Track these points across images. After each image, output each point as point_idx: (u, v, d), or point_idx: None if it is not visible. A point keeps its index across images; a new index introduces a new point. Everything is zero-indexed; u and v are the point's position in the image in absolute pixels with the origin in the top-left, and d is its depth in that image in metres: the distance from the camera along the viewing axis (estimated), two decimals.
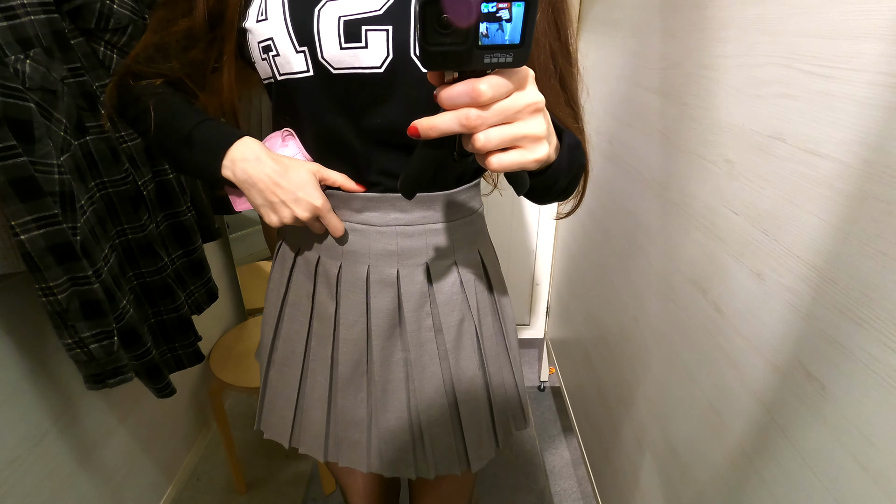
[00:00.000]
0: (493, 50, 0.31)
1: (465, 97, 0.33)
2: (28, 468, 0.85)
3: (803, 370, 0.51)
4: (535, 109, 0.36)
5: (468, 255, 0.65)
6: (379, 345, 0.62)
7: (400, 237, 0.60)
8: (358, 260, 0.61)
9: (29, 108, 0.65)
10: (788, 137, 0.53)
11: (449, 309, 0.63)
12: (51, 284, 0.68)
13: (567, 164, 0.46)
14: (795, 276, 0.53)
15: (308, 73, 0.52)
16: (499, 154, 0.36)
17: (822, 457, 0.49)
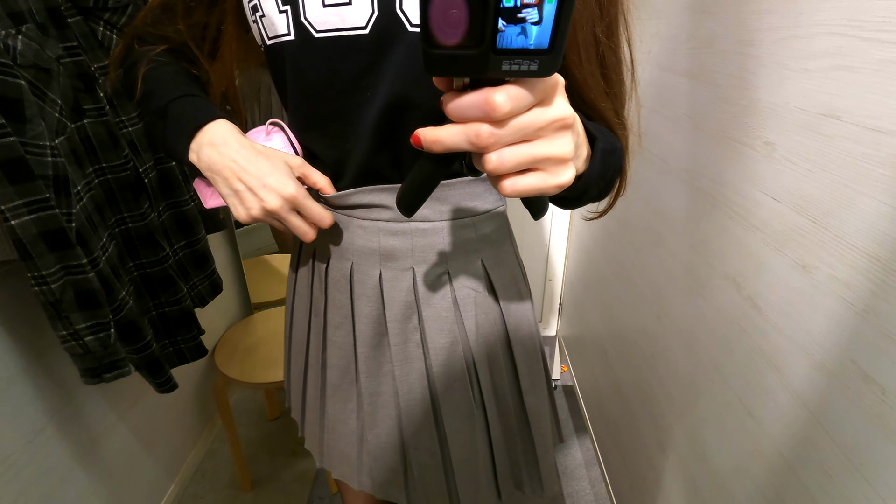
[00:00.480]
0: (513, 55, 0.25)
1: (476, 110, 0.27)
2: (23, 465, 0.82)
3: (859, 371, 0.46)
4: (560, 126, 0.30)
5: (465, 266, 0.55)
6: (365, 353, 0.56)
7: (383, 234, 0.53)
8: (342, 255, 0.56)
9: (19, 86, 0.61)
10: (843, 114, 0.48)
11: (437, 328, 0.55)
12: (43, 273, 0.64)
13: (600, 171, 0.40)
14: (850, 267, 0.48)
15: (290, 38, 0.46)
16: (514, 178, 0.30)
17: (881, 468, 0.44)
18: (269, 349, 1.32)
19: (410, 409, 0.57)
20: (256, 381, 1.20)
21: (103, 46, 0.83)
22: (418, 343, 0.55)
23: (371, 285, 0.54)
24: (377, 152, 0.50)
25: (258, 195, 0.46)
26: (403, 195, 0.35)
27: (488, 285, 0.57)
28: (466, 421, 0.57)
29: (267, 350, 1.31)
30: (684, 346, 0.82)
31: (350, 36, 0.45)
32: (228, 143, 0.47)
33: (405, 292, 0.54)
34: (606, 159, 0.40)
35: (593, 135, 0.38)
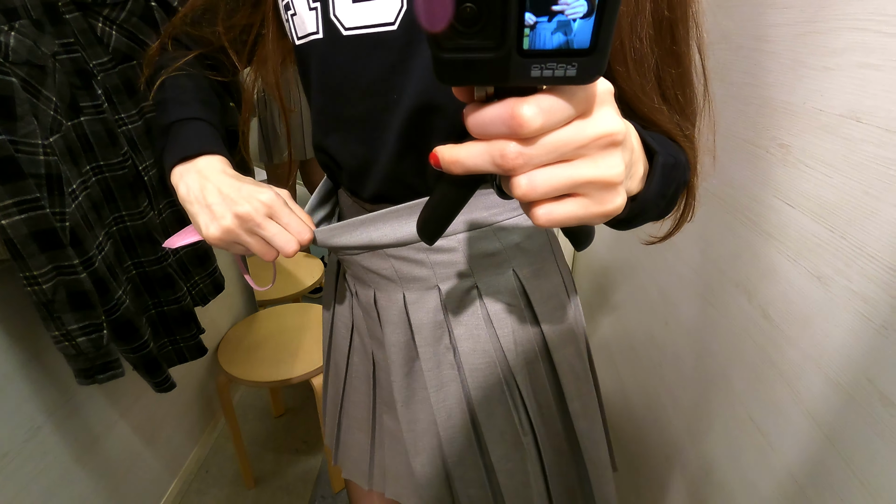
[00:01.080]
0: (545, 58, 0.20)
1: (501, 125, 0.22)
2: (21, 463, 0.82)
3: (876, 392, 0.43)
4: (608, 143, 0.24)
5: (495, 278, 0.50)
6: (399, 382, 0.53)
7: (393, 259, 0.49)
8: (365, 280, 0.52)
9: (10, 83, 0.60)
10: (865, 115, 0.45)
11: (471, 347, 0.50)
12: (35, 273, 0.64)
13: (659, 189, 0.33)
14: (869, 280, 0.44)
15: (318, 36, 0.43)
16: (549, 205, 0.24)
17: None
18: (273, 347, 1.31)
19: (452, 437, 0.52)
20: (259, 380, 1.20)
21: (102, 43, 0.82)
22: (452, 364, 0.51)
23: (396, 311, 0.51)
24: (402, 159, 0.46)
25: (229, 201, 0.42)
26: (424, 224, 0.30)
27: (524, 298, 0.51)
28: (513, 449, 0.52)
29: (270, 348, 1.31)
30: (693, 355, 0.79)
31: (378, 33, 0.41)
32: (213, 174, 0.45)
33: (433, 312, 0.50)
34: (668, 175, 0.34)
35: (653, 148, 0.33)
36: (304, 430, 1.63)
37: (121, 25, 0.84)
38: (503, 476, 0.52)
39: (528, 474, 0.53)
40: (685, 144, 0.40)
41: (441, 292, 0.50)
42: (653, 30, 0.36)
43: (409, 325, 0.51)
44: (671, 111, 0.39)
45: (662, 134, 0.39)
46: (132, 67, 0.87)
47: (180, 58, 0.53)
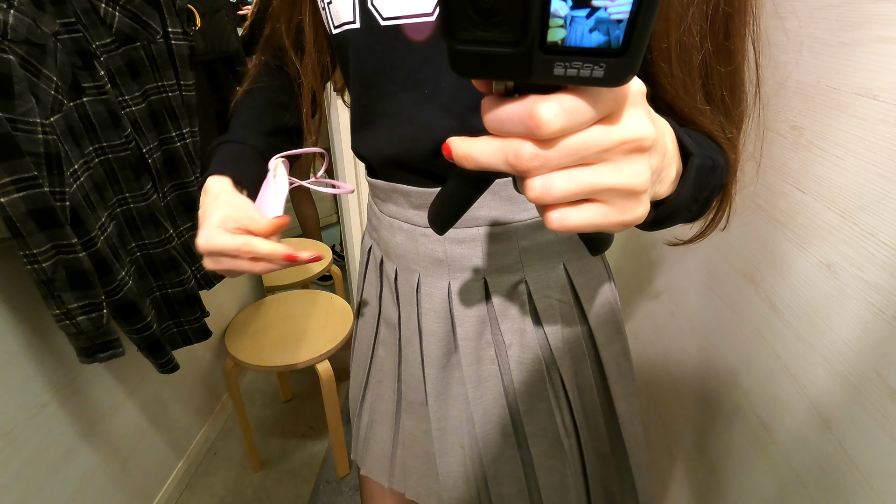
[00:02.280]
0: (570, 56, 0.18)
1: (517, 124, 0.21)
2: (26, 438, 0.83)
3: (885, 386, 0.41)
4: (633, 149, 0.22)
5: (545, 272, 0.48)
6: (433, 374, 0.51)
7: (448, 242, 0.47)
8: (409, 266, 0.51)
9: (8, 61, 0.60)
10: (882, 93, 0.42)
11: (517, 341, 0.49)
12: (34, 251, 0.64)
13: (693, 193, 0.31)
14: (881, 268, 0.42)
15: (355, 25, 0.42)
16: (564, 209, 0.23)
17: None
18: (280, 333, 1.32)
19: (487, 433, 0.51)
20: (265, 365, 1.21)
21: (105, 24, 0.82)
22: (493, 360, 0.50)
23: (439, 299, 0.49)
24: (436, 156, 0.44)
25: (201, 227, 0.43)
26: (436, 215, 0.29)
27: (573, 294, 0.50)
28: (555, 447, 0.51)
29: (277, 334, 1.31)
30: (697, 347, 0.76)
31: (416, 24, 0.40)
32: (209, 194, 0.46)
33: (478, 306, 0.48)
34: (703, 179, 0.32)
35: (689, 150, 0.30)
36: (310, 415, 1.65)
37: (124, 7, 0.84)
38: (542, 472, 0.51)
39: (567, 475, 0.51)
40: (727, 147, 0.37)
41: (488, 285, 0.48)
42: (706, 22, 0.32)
43: (451, 317, 0.49)
44: (715, 112, 0.36)
45: (703, 133, 0.36)
46: (136, 49, 0.87)
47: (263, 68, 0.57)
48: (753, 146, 0.40)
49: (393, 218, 0.50)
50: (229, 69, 1.21)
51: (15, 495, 0.83)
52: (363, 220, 1.80)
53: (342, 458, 1.42)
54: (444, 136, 0.27)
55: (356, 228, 1.82)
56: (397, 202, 0.49)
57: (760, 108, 0.38)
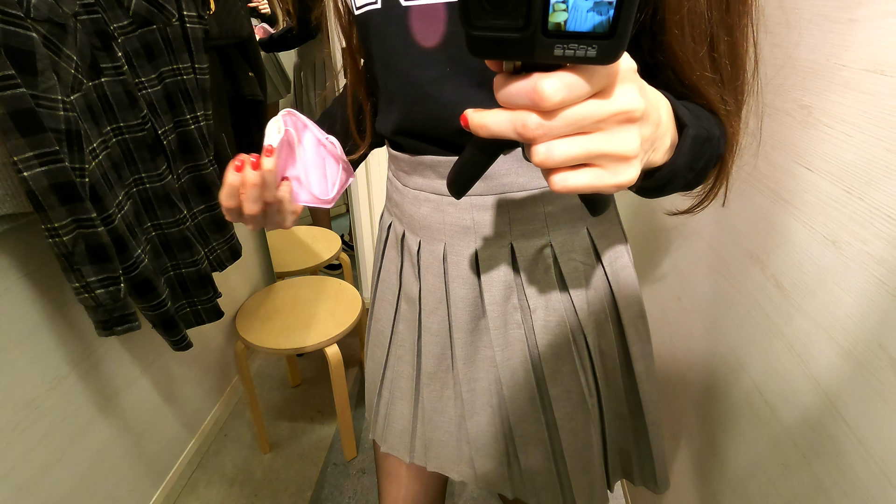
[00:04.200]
0: (567, 39, 0.22)
1: (523, 97, 0.24)
2: (46, 410, 0.86)
3: (887, 358, 0.42)
4: (624, 120, 0.26)
5: (570, 237, 0.50)
6: (462, 339, 0.53)
7: (476, 209, 0.49)
8: (434, 236, 0.52)
9: (31, 39, 0.62)
10: (891, 68, 0.42)
11: (542, 304, 0.51)
12: (55, 225, 0.66)
13: (688, 161, 0.34)
14: (885, 241, 0.42)
15: (376, 6, 0.44)
16: (565, 173, 0.26)
17: None
18: (290, 317, 1.34)
19: (514, 395, 0.53)
20: (275, 347, 1.23)
21: (123, 6, 0.83)
22: (519, 324, 0.51)
23: (466, 266, 0.51)
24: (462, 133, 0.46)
25: None
26: (455, 180, 0.32)
27: (596, 257, 0.52)
28: (579, 408, 0.53)
29: (288, 318, 1.34)
30: (703, 331, 0.77)
31: (437, 4, 0.42)
32: None
33: (504, 271, 0.50)
34: (699, 148, 0.35)
35: (684, 121, 0.33)
36: (319, 399, 1.67)
37: None
38: (566, 434, 0.53)
39: (591, 435, 0.53)
40: (726, 120, 0.39)
41: (514, 250, 0.50)
42: None
43: (478, 282, 0.51)
44: (718, 82, 0.38)
45: (705, 106, 0.39)
46: (152, 32, 0.89)
47: None
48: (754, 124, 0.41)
49: (419, 190, 0.52)
50: (242, 54, 1.23)
51: (37, 464, 0.86)
52: (372, 210, 1.82)
53: (350, 441, 1.44)
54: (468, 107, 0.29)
55: (365, 218, 1.83)
56: (423, 174, 0.51)
57: (759, 87, 0.40)
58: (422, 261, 0.54)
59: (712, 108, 0.39)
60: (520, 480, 0.56)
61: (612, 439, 0.56)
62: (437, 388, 0.57)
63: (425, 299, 0.55)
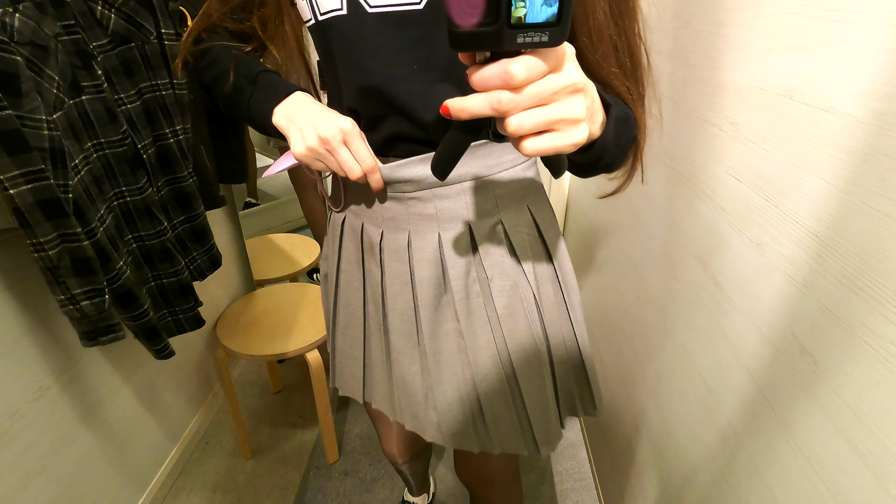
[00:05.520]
0: (526, 29, 0.28)
1: (496, 79, 0.30)
2: (29, 421, 0.88)
3: (797, 344, 0.48)
4: (573, 90, 0.33)
5: (516, 214, 0.59)
6: (427, 315, 0.59)
7: (437, 199, 0.56)
8: (398, 227, 0.58)
9: (15, 62, 0.65)
10: (797, 94, 0.49)
11: (498, 273, 0.58)
12: (41, 240, 0.69)
13: (614, 138, 0.43)
14: (795, 244, 0.49)
15: (342, 12, 0.49)
16: (533, 138, 0.33)
17: (811, 435, 0.46)
18: (270, 324, 1.36)
19: (477, 359, 0.60)
20: (256, 354, 1.25)
21: (101, 25, 0.86)
22: (479, 293, 0.59)
23: (430, 250, 0.57)
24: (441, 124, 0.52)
25: (315, 126, 0.51)
26: (437, 162, 0.38)
27: (536, 229, 0.61)
28: (533, 356, 0.60)
29: (267, 325, 1.36)
30: (658, 326, 0.83)
31: (403, 11, 0.47)
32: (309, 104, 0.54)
33: (464, 249, 0.57)
34: (620, 127, 0.44)
35: (608, 103, 0.42)
36: (300, 405, 1.69)
37: (119, 8, 0.88)
38: (524, 380, 0.60)
39: (545, 377, 0.61)
40: (633, 106, 0.48)
41: (472, 230, 0.57)
42: (607, 7, 0.45)
43: (442, 262, 0.58)
44: (623, 75, 0.48)
45: (617, 97, 0.48)
46: (130, 49, 0.92)
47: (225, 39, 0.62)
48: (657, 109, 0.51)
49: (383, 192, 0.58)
50: None
51: (19, 474, 0.87)
52: None
53: (332, 444, 1.47)
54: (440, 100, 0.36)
55: None
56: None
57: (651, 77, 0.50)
58: (384, 249, 0.60)
59: (622, 98, 0.48)
60: (485, 434, 0.63)
61: (561, 380, 0.63)
62: (406, 363, 0.63)
63: (390, 283, 0.61)
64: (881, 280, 0.38)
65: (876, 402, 0.39)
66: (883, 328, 0.38)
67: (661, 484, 0.82)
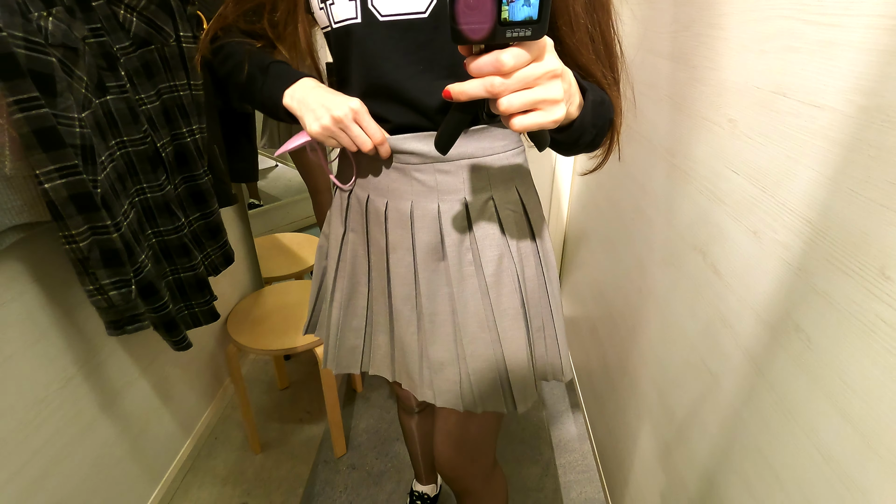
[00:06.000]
0: (513, 26, 0.35)
1: (490, 67, 0.37)
2: (55, 408, 0.91)
3: (792, 323, 0.52)
4: (552, 76, 0.40)
5: (505, 193, 0.66)
6: (426, 277, 0.66)
7: (438, 173, 0.63)
8: (402, 196, 0.65)
9: (51, 63, 0.68)
10: (789, 91, 0.53)
11: (487, 244, 0.65)
12: (73, 232, 0.72)
13: (591, 119, 0.50)
14: (789, 230, 0.53)
15: (357, 20, 0.56)
16: (520, 116, 0.40)
17: (806, 407, 0.50)
18: (279, 320, 1.39)
19: (467, 322, 0.67)
20: (266, 348, 1.28)
21: (124, 28, 0.89)
22: (471, 262, 0.65)
23: (430, 218, 0.64)
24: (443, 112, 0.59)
25: (328, 107, 0.58)
26: (440, 138, 0.45)
27: (522, 209, 0.68)
28: (515, 321, 0.67)
29: (276, 320, 1.39)
30: (659, 316, 0.87)
31: (410, 19, 0.55)
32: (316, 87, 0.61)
33: (460, 219, 0.64)
34: (597, 109, 0.51)
35: (584, 87, 0.49)
36: (307, 401, 1.72)
37: (140, 12, 0.91)
38: (507, 343, 0.67)
39: (524, 340, 0.68)
40: (609, 91, 0.56)
41: (467, 203, 0.64)
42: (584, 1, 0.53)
43: (440, 230, 0.65)
44: (600, 62, 0.55)
45: (595, 83, 0.55)
46: (150, 51, 0.95)
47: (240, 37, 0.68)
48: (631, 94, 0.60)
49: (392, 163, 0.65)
50: None
51: (46, 459, 0.90)
52: None
53: (339, 438, 1.50)
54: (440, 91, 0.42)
55: None
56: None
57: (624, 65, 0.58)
58: (389, 218, 0.66)
59: (599, 84, 0.55)
60: (469, 394, 0.69)
61: (535, 346, 0.70)
62: (404, 324, 0.70)
63: (393, 249, 0.67)
64: (866, 260, 0.42)
65: (863, 371, 0.42)
66: (868, 303, 0.42)
67: (665, 470, 0.86)
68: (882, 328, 0.40)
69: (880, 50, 0.41)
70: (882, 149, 0.41)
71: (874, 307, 0.41)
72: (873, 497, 0.41)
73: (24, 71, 0.64)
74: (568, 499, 1.41)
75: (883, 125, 0.40)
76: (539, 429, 1.63)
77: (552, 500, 1.40)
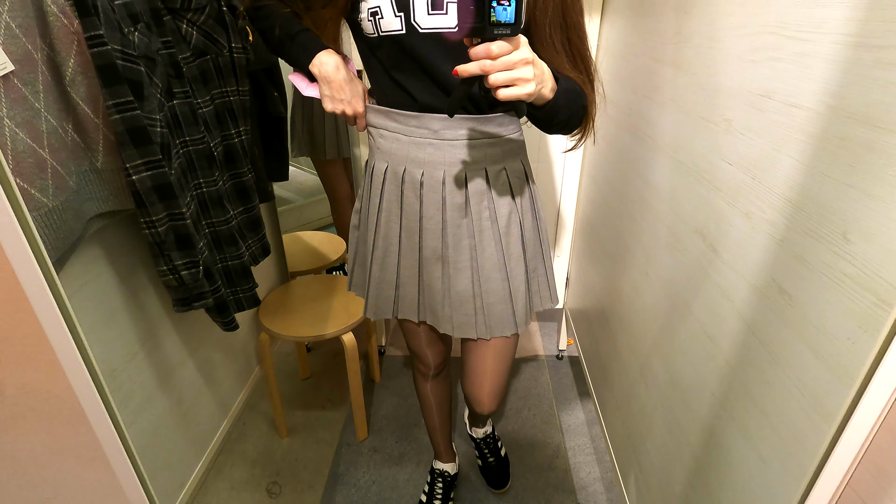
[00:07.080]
0: (499, 26, 0.53)
1: (483, 54, 0.55)
2: (124, 379, 1.01)
3: (777, 287, 0.62)
4: (525, 62, 0.57)
5: (513, 164, 0.88)
6: (452, 232, 0.85)
7: (465, 148, 0.83)
8: (436, 167, 0.84)
9: (140, 71, 0.79)
10: (774, 94, 0.63)
11: (501, 203, 0.86)
12: (153, 218, 0.83)
13: (564, 101, 0.69)
14: (774, 210, 0.63)
15: (402, 32, 0.74)
16: (503, 89, 0.58)
17: (791, 356, 0.60)
18: (307, 310, 1.50)
19: (484, 265, 0.87)
20: (296, 335, 1.38)
21: (186, 41, 1.01)
22: (488, 217, 0.86)
23: (458, 183, 0.84)
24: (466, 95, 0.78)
25: (342, 103, 0.84)
26: (450, 105, 0.63)
27: (525, 176, 0.91)
28: (519, 262, 0.90)
29: (305, 310, 1.49)
30: (664, 294, 0.97)
31: (443, 32, 0.74)
32: (340, 68, 0.83)
33: (480, 185, 0.85)
34: (569, 95, 0.70)
35: (558, 77, 0.68)
36: (328, 390, 1.82)
37: (200, 26, 1.03)
38: (513, 278, 0.90)
39: (525, 275, 0.91)
40: (584, 86, 0.75)
41: (486, 171, 0.85)
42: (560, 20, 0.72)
43: (466, 192, 0.85)
44: (574, 67, 0.75)
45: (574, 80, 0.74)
46: (206, 61, 1.06)
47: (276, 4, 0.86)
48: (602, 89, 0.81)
49: (423, 138, 0.83)
50: (268, 77, 1.40)
51: None
52: None
53: (362, 422, 1.59)
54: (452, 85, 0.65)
55: None
56: (429, 126, 0.82)
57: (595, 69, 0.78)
58: (424, 184, 0.85)
59: (577, 80, 0.73)
60: (483, 324, 0.91)
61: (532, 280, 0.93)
62: (431, 270, 0.90)
63: (426, 209, 0.86)
64: (833, 227, 0.52)
65: (833, 317, 0.53)
66: (835, 262, 0.52)
67: (671, 433, 0.95)
68: (846, 282, 0.51)
69: (843, 61, 0.51)
70: (845, 139, 0.51)
71: (840, 265, 0.52)
72: (837, 417, 0.51)
73: (122, 78, 0.74)
74: (578, 478, 1.50)
75: (847, 121, 0.51)
76: (550, 415, 1.73)
77: (563, 479, 1.50)
